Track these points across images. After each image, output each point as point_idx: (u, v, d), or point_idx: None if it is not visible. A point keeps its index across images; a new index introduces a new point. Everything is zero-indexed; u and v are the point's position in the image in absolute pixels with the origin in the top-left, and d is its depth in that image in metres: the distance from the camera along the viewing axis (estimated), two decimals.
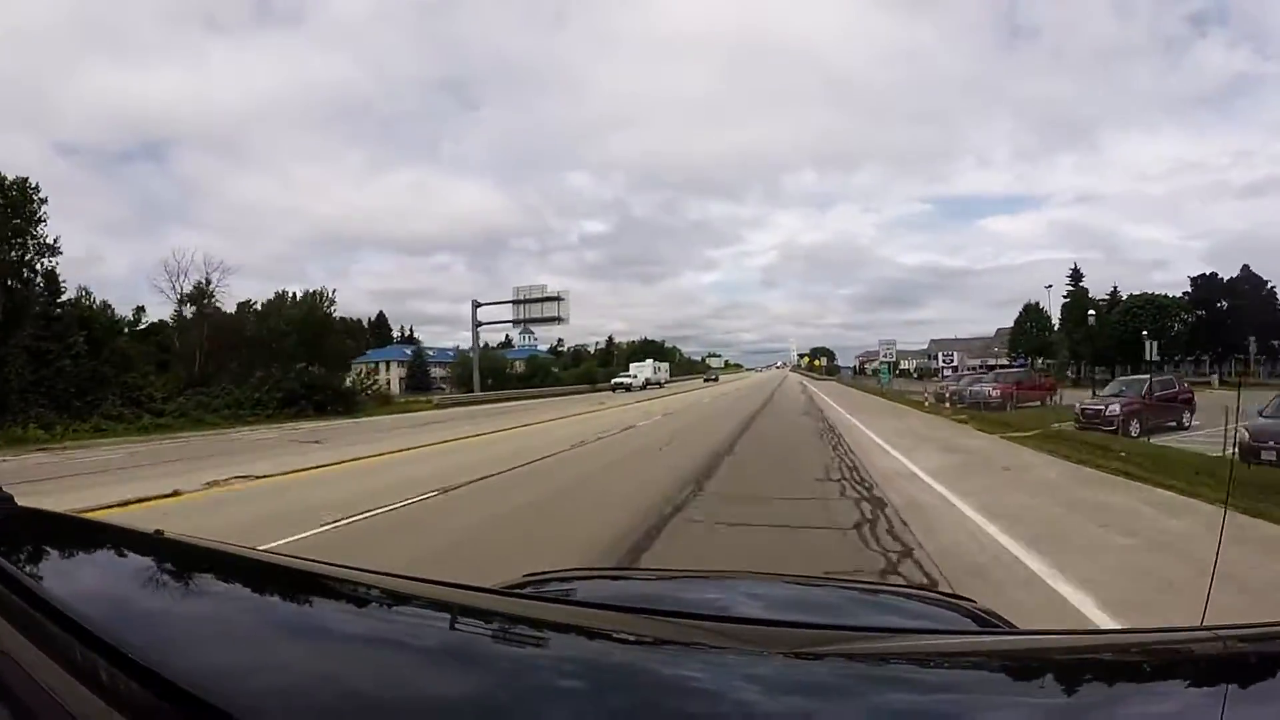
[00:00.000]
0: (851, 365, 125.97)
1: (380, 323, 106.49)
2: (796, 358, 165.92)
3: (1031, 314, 66.01)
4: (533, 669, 0.73)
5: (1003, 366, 52.98)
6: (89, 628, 0.61)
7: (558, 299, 39.70)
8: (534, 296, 41.11)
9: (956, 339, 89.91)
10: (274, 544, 5.45)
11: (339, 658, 0.71)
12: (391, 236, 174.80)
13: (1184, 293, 57.80)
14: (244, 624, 0.80)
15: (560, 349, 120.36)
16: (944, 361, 71.81)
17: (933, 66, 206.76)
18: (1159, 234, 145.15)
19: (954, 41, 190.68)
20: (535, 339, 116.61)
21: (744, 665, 0.73)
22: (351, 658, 0.71)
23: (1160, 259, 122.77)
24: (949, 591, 2.93)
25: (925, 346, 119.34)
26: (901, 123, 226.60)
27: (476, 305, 41.04)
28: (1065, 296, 59.61)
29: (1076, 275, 61.66)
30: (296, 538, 6.13)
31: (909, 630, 1.18)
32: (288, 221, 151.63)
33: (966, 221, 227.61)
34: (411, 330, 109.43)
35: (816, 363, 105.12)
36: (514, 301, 41.26)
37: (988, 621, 1.41)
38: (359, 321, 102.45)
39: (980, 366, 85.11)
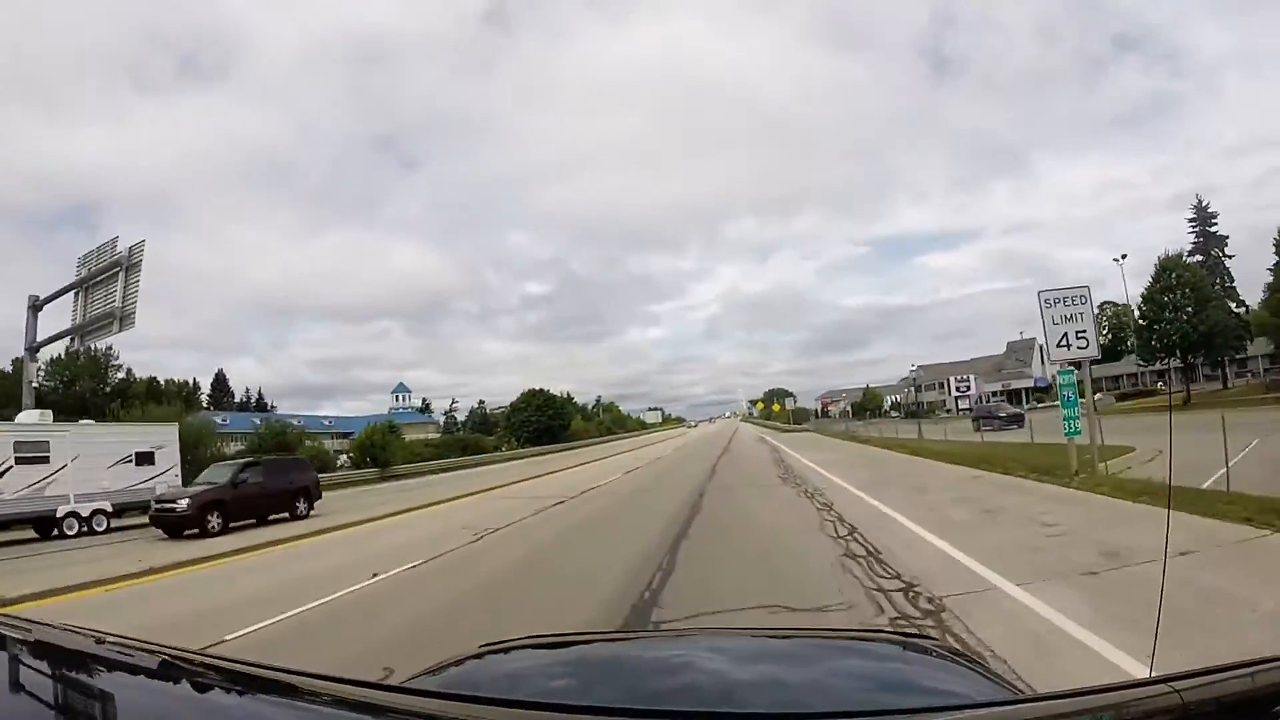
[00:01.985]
0: (813, 409, 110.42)
1: (221, 385, 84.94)
2: (748, 405, 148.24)
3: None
4: None
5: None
6: None
7: (118, 266, 19.04)
8: (101, 265, 20.74)
9: (956, 361, 74.23)
10: None
11: None
12: (328, 302, 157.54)
13: None
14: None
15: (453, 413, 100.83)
16: (956, 389, 54.87)
17: (863, 102, 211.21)
18: (1090, 255, 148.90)
19: (882, 75, 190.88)
20: (407, 400, 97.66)
21: None
22: None
23: (1094, 279, 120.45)
24: (911, 631, 3.22)
25: (864, 387, 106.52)
26: (836, 162, 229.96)
27: (36, 304, 20.76)
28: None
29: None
30: None
31: (896, 712, 1.15)
32: (222, 288, 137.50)
33: (904, 260, 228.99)
34: (260, 395, 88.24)
35: (777, 407, 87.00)
36: (76, 288, 20.81)
37: (955, 662, 1.56)
38: (185, 384, 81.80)
39: (999, 394, 69.47)
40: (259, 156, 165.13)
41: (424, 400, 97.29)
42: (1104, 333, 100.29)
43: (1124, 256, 54.23)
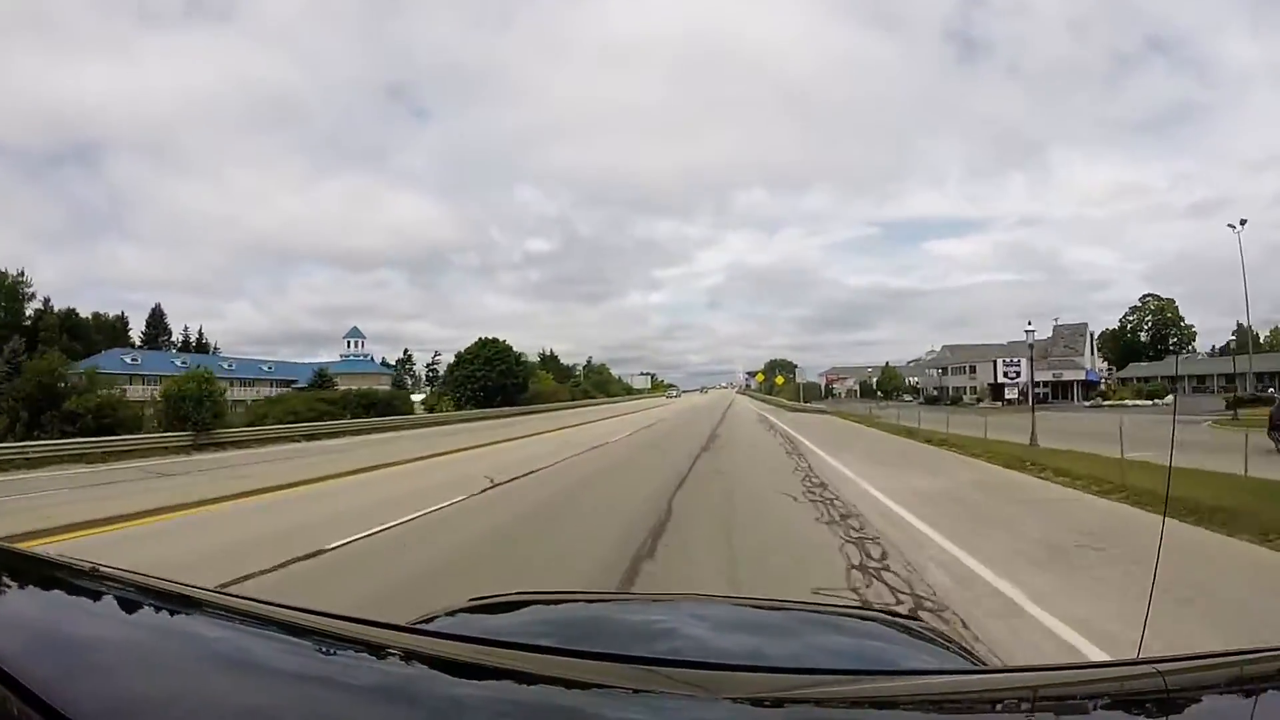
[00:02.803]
0: (819, 385, 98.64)
1: (156, 322, 73.18)
2: (745, 377, 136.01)
3: None
4: (451, 716, 0.70)
5: None
6: None
7: None
8: None
9: (988, 344, 62.64)
10: None
11: (240, 692, 0.69)
12: (331, 249, 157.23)
13: None
14: (151, 658, 0.76)
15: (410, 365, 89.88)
16: (1004, 373, 43.29)
17: (885, 82, 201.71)
18: (1100, 256, 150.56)
19: (907, 55, 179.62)
20: (367, 353, 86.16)
21: (689, 712, 0.72)
22: (252, 692, 0.69)
23: (1101, 280, 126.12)
24: (895, 610, 3.03)
25: (880, 365, 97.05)
26: (852, 139, 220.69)
27: None
28: None
29: None
30: None
31: (868, 672, 1.16)
32: (225, 231, 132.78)
33: (913, 244, 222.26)
34: (201, 335, 76.90)
35: (780, 379, 75.26)
36: None
37: (934, 641, 1.58)
38: (111, 318, 70.32)
39: (1046, 384, 57.92)
40: (265, 99, 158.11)
41: (409, 354, 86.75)
42: (1145, 328, 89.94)
43: (1243, 223, 41.16)
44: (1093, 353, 69.31)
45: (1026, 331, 24.63)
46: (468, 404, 47.18)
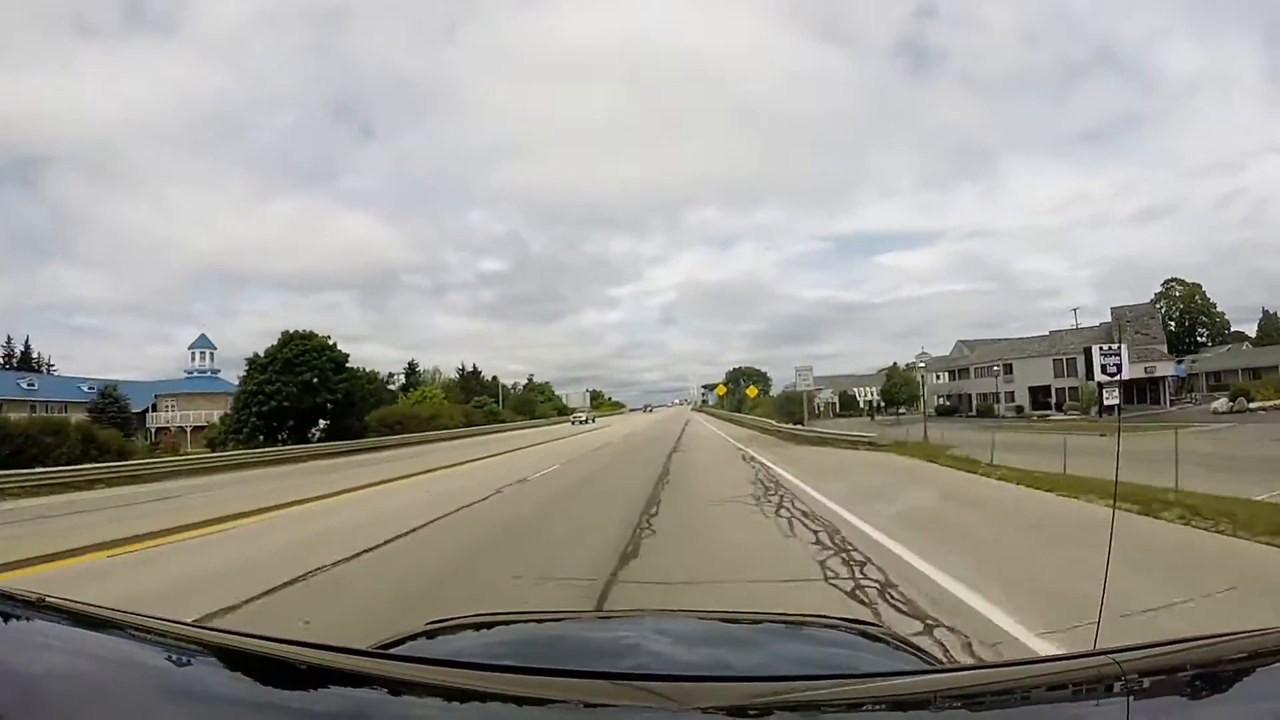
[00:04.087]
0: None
1: None
2: (702, 391, 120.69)
3: None
4: None
5: None
6: None
7: None
8: None
9: (1027, 337, 47.39)
10: None
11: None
12: (278, 271, 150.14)
13: None
14: (102, 690, 0.73)
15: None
16: (1104, 367, 27.04)
17: (836, 96, 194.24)
18: (1049, 264, 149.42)
19: (859, 68, 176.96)
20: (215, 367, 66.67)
21: None
22: None
23: (1050, 288, 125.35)
24: (853, 618, 2.91)
25: (854, 374, 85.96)
26: (803, 154, 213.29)
27: None
28: None
29: None
30: None
31: (833, 676, 1.15)
32: (169, 253, 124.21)
33: (865, 257, 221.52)
34: (27, 347, 60.12)
35: (753, 391, 55.90)
36: None
37: (893, 644, 1.58)
38: None
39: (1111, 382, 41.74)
40: (207, 115, 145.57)
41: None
42: (1173, 315, 79.72)
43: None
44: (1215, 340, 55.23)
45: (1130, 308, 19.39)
46: (260, 434, 28.55)
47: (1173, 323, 70.83)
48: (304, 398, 29.51)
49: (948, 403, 56.67)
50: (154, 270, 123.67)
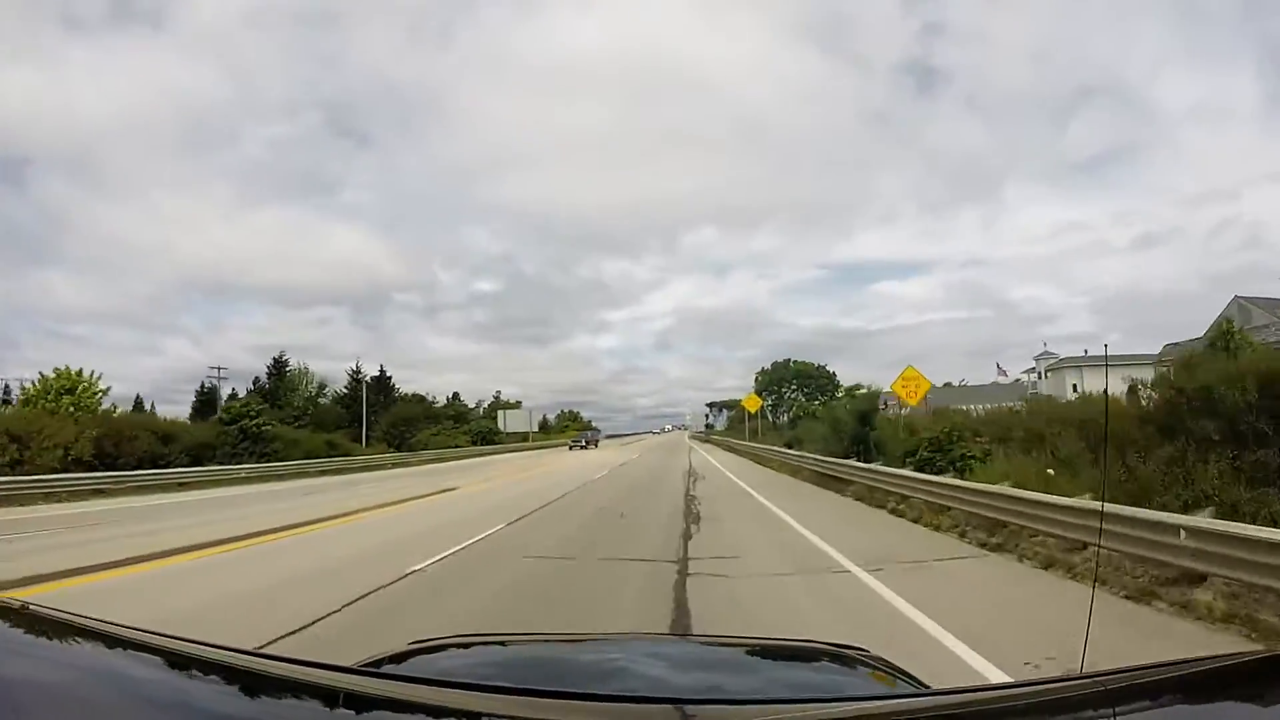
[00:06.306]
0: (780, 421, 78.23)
1: None
2: (708, 411, 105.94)
3: None
4: None
5: None
6: None
7: None
8: None
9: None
10: None
11: None
12: (269, 284, 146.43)
13: None
14: (81, 700, 0.73)
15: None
16: None
17: (840, 112, 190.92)
18: (1046, 292, 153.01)
19: (859, 87, 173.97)
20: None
21: None
22: None
23: (1048, 315, 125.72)
24: (842, 642, 2.52)
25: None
26: (804, 174, 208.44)
27: None
28: None
29: None
30: None
31: (824, 700, 1.13)
32: (157, 262, 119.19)
33: (862, 285, 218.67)
34: None
35: (753, 401, 43.42)
36: None
37: (881, 669, 1.58)
38: None
39: None
40: (197, 121, 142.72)
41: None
42: None
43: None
44: None
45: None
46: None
47: None
48: None
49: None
50: (140, 280, 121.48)
